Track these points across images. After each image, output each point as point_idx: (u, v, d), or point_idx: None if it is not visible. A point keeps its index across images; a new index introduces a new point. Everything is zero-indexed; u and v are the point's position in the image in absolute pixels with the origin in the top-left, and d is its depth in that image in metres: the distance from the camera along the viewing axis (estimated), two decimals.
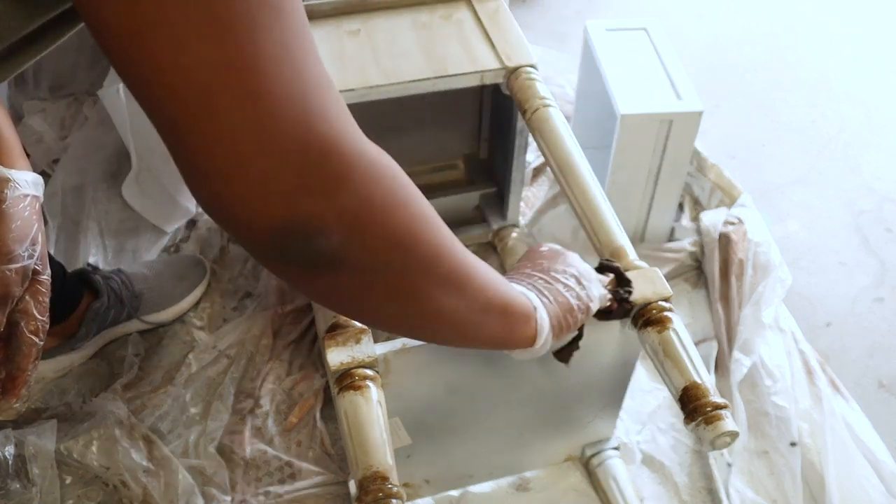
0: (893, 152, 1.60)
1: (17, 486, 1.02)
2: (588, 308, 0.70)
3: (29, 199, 0.76)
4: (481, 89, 1.28)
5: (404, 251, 0.48)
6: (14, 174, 0.75)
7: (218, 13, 0.39)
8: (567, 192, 0.93)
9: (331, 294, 0.49)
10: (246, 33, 0.39)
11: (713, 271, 1.27)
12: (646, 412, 1.14)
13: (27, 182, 0.76)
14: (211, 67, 0.39)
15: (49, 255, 1.07)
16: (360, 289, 0.48)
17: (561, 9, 1.98)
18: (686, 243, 1.33)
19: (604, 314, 0.76)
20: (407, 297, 0.51)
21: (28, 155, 1.47)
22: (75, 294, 1.13)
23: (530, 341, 0.64)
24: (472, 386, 0.85)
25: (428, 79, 1.05)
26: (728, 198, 1.39)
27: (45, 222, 1.29)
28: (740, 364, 1.15)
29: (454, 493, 1.05)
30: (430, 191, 1.33)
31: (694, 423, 0.72)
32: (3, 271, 0.69)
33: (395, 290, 0.50)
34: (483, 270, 0.57)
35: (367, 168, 0.44)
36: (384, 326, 0.57)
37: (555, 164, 0.95)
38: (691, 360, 0.75)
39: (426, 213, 0.50)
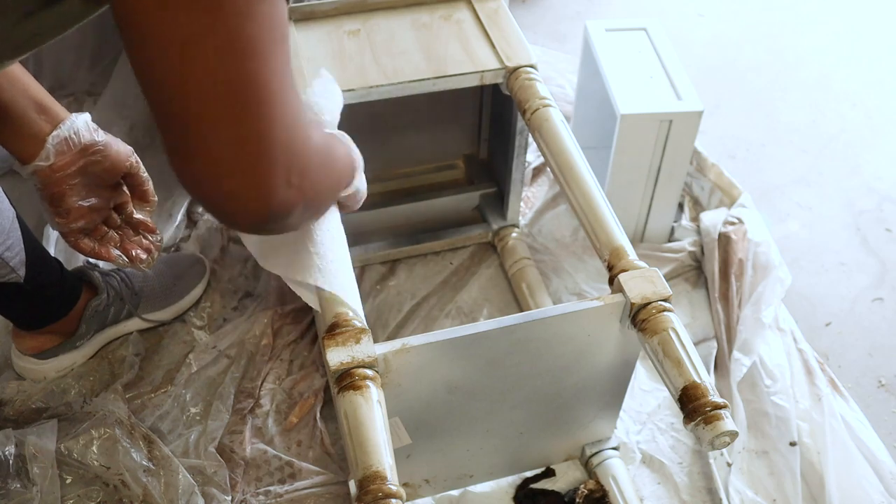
0: (893, 152, 1.60)
1: (18, 485, 1.02)
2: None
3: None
4: (481, 89, 1.28)
5: (326, 197, 0.72)
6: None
7: (240, 40, 0.49)
8: (567, 192, 0.93)
9: (274, 232, 0.66)
10: (260, 59, 0.50)
11: (713, 271, 1.27)
12: (646, 412, 1.14)
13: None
14: (228, 87, 0.49)
15: (47, 253, 1.07)
16: (299, 224, 0.68)
17: (561, 9, 1.99)
18: (686, 243, 1.33)
19: None
20: (320, 213, 0.77)
21: None
22: (74, 292, 1.13)
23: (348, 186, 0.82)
24: (471, 385, 0.86)
25: (428, 79, 1.05)
26: (728, 198, 1.39)
27: (45, 222, 1.29)
28: (740, 364, 1.15)
29: (454, 492, 1.05)
30: (430, 191, 1.34)
31: (693, 423, 0.72)
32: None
33: (318, 215, 0.76)
34: (340, 155, 0.77)
35: (316, 161, 0.61)
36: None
37: (555, 164, 0.95)
38: (690, 360, 0.75)
39: (334, 161, 0.71)
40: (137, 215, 0.96)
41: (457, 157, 1.39)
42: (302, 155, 0.57)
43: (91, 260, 1.25)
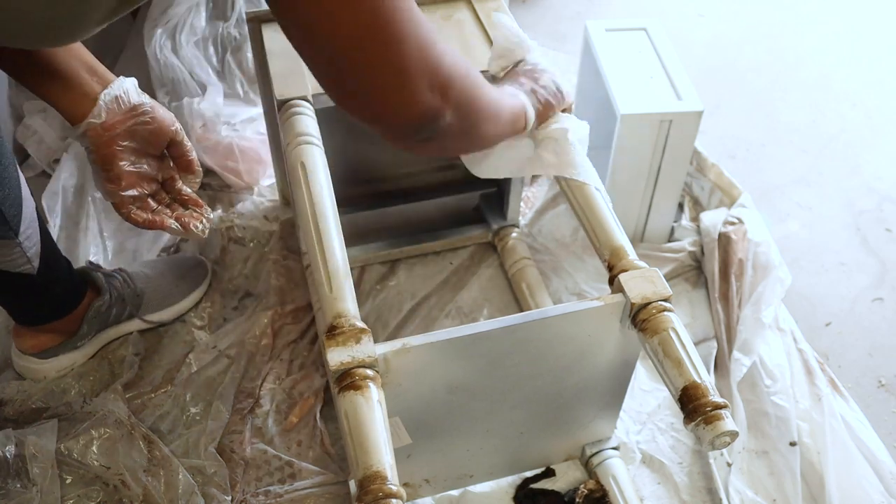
0: (893, 152, 1.60)
1: (18, 485, 1.02)
2: (558, 96, 0.94)
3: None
4: None
5: (476, 118, 0.78)
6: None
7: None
8: (567, 192, 0.93)
9: (437, 149, 0.78)
10: (391, 12, 0.64)
11: (713, 271, 1.27)
12: (646, 412, 1.14)
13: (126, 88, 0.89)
14: (359, 25, 0.63)
15: (59, 249, 1.08)
16: (455, 140, 0.78)
17: (561, 9, 1.99)
18: (686, 243, 1.33)
19: None
20: (478, 136, 0.82)
21: (28, 155, 1.48)
22: (80, 290, 1.13)
23: (524, 130, 0.91)
24: (472, 385, 0.86)
25: None
26: (728, 198, 1.39)
27: (46, 221, 1.29)
28: (740, 364, 1.15)
29: (454, 492, 1.05)
30: (430, 191, 1.33)
31: (693, 423, 0.72)
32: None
33: (472, 135, 0.80)
34: (504, 100, 0.85)
35: (458, 77, 0.72)
36: (461, 153, 0.91)
37: None
38: (691, 360, 0.75)
39: (480, 86, 0.77)
40: (186, 190, 0.97)
41: (457, 156, 1.39)
42: (438, 67, 0.69)
43: (93, 260, 1.25)
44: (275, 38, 1.08)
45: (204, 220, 0.97)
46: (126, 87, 0.88)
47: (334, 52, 0.65)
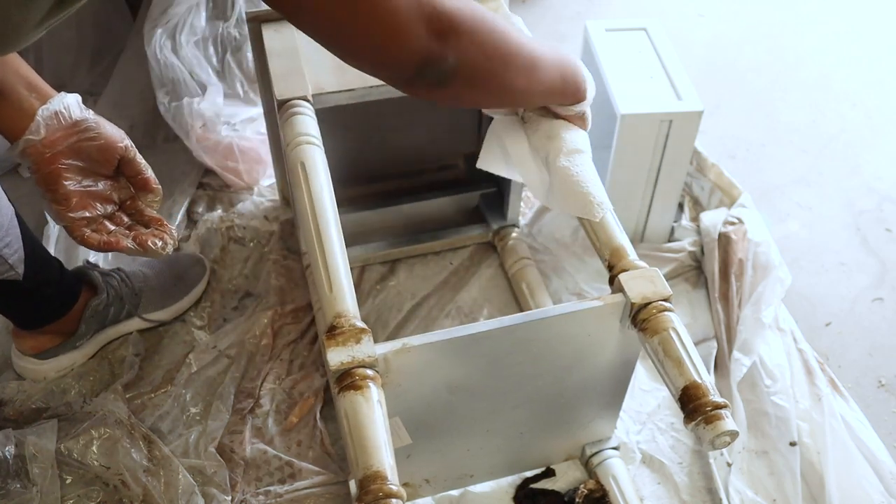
0: (893, 152, 1.60)
1: (18, 485, 1.02)
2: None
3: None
4: None
5: (491, 64, 0.76)
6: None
7: None
8: None
9: (449, 97, 0.77)
10: None
11: (713, 271, 1.27)
12: (646, 412, 1.14)
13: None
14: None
15: (47, 251, 1.07)
16: (467, 91, 0.77)
17: (561, 9, 1.99)
18: (686, 243, 1.33)
19: None
20: (494, 88, 0.79)
21: None
22: (74, 291, 1.13)
23: (575, 97, 0.88)
24: (472, 385, 0.86)
25: None
26: (728, 198, 1.39)
27: (45, 222, 1.29)
28: (740, 364, 1.15)
29: (454, 493, 1.05)
30: (430, 191, 1.34)
31: (694, 423, 0.72)
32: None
33: (486, 86, 0.78)
34: (547, 54, 0.82)
35: (465, 20, 0.71)
36: (482, 106, 0.91)
37: None
38: (691, 360, 0.75)
39: (503, 34, 0.75)
40: (149, 212, 0.90)
41: (457, 156, 1.39)
42: (434, 10, 0.69)
43: (91, 259, 1.25)
44: (275, 38, 1.08)
45: (166, 237, 0.89)
46: (67, 103, 0.82)
47: (326, 9, 0.66)
